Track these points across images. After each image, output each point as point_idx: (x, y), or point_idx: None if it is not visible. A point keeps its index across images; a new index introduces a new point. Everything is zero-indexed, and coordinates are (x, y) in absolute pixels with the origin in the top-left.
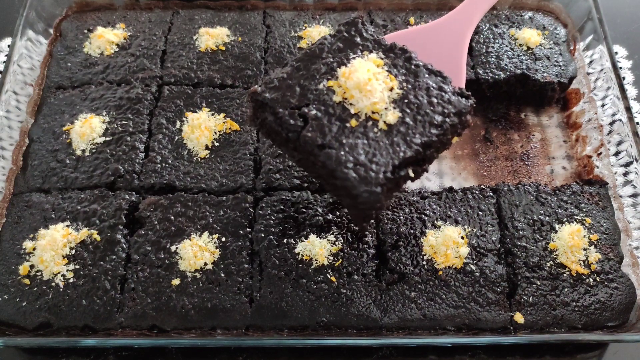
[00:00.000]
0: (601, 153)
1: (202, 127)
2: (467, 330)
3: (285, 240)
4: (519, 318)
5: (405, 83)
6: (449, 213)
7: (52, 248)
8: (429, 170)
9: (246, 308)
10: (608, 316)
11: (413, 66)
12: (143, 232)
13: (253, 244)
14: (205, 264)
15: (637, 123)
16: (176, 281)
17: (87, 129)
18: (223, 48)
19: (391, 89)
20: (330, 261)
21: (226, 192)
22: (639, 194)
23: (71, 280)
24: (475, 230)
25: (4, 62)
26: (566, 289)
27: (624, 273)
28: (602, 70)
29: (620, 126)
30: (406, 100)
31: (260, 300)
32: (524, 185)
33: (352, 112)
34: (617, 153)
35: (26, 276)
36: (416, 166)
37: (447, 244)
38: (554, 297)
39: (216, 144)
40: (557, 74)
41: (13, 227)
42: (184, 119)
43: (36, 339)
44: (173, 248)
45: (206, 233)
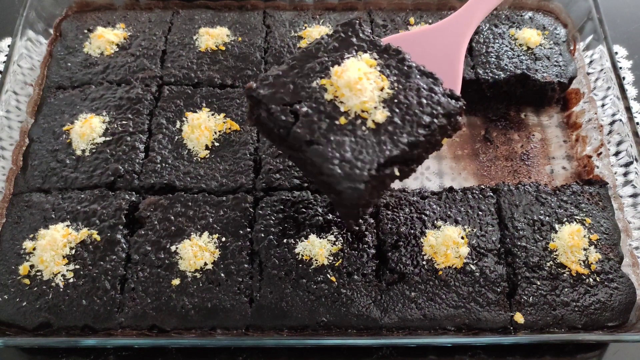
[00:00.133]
0: (601, 153)
1: (202, 127)
2: (467, 330)
3: (285, 240)
4: (519, 318)
5: (396, 83)
6: (449, 213)
7: (52, 248)
8: (429, 170)
9: (246, 308)
10: (608, 316)
11: (405, 67)
12: (143, 232)
13: (253, 244)
14: (205, 264)
15: (637, 123)
16: (176, 281)
17: (87, 129)
18: (223, 48)
19: (382, 89)
20: (330, 261)
21: (226, 192)
22: (639, 194)
23: (71, 280)
24: (475, 230)
25: (4, 62)
26: (566, 289)
27: (624, 273)
28: (602, 70)
29: (620, 126)
30: (396, 100)
31: (260, 300)
32: (524, 185)
33: (342, 110)
34: (617, 153)
35: (26, 276)
36: (403, 165)
37: (447, 244)
38: (554, 297)
39: (216, 144)
40: (557, 74)
41: (13, 227)
42: (184, 119)
43: (36, 339)
44: (173, 248)
45: (206, 233)
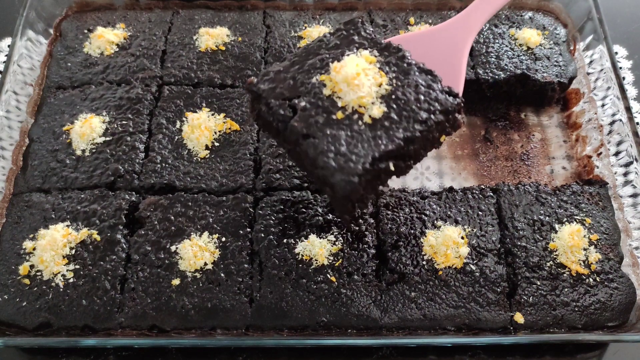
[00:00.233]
0: (601, 153)
1: (202, 127)
2: (467, 330)
3: (285, 240)
4: (519, 318)
5: (395, 80)
6: (449, 213)
7: (52, 248)
8: (429, 170)
9: (246, 308)
10: (608, 316)
11: (405, 64)
12: (143, 232)
13: (253, 244)
14: (205, 264)
15: (637, 123)
16: (176, 281)
17: (87, 129)
18: (223, 48)
19: (380, 85)
20: (330, 261)
21: (226, 192)
22: (639, 194)
23: (71, 280)
24: (475, 230)
25: (4, 62)
26: (566, 289)
27: (624, 273)
28: (602, 70)
29: (620, 126)
30: (393, 96)
31: (260, 300)
32: (524, 185)
33: (340, 105)
34: (617, 153)
35: (26, 276)
36: (399, 160)
37: (447, 244)
38: (554, 297)
39: (216, 144)
40: (557, 74)
41: (13, 227)
42: (184, 119)
43: (36, 339)
44: (173, 248)
45: (206, 233)
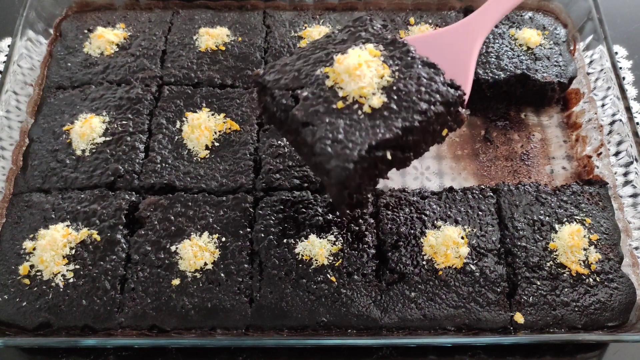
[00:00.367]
0: (601, 153)
1: (202, 127)
2: (467, 330)
3: (285, 240)
4: (519, 318)
5: (397, 72)
6: (449, 213)
7: (52, 248)
8: (429, 170)
9: (246, 308)
10: (608, 316)
11: (409, 58)
12: (143, 232)
13: (253, 244)
14: (205, 264)
15: (637, 123)
16: (176, 281)
17: (87, 129)
18: (223, 48)
19: (382, 77)
20: (330, 261)
21: (226, 192)
22: (639, 194)
23: (71, 280)
24: (475, 230)
25: (4, 62)
26: (566, 289)
27: (624, 273)
28: (602, 70)
29: (620, 126)
30: (395, 87)
31: (260, 300)
32: (524, 185)
33: (341, 95)
34: (617, 153)
35: (26, 276)
36: (397, 151)
37: (447, 244)
38: (554, 297)
39: (216, 144)
40: (557, 74)
41: (13, 227)
42: (184, 119)
43: (36, 339)
44: (173, 248)
45: (206, 233)
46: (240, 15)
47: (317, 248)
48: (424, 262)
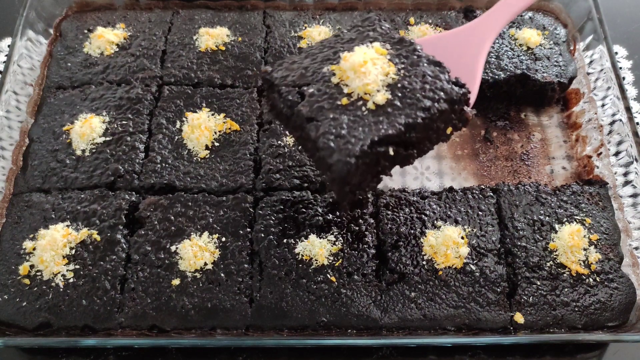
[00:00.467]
0: (601, 153)
1: (202, 127)
2: (467, 330)
3: (285, 240)
4: (519, 318)
5: (403, 70)
6: (449, 213)
7: (52, 248)
8: (429, 170)
9: (246, 308)
10: (608, 316)
11: (415, 56)
12: (143, 232)
13: (253, 244)
14: (205, 264)
15: (637, 123)
16: (176, 281)
17: (87, 129)
18: (223, 48)
19: (387, 74)
20: (330, 261)
21: (226, 192)
22: (639, 194)
23: (71, 280)
24: (475, 230)
25: (4, 62)
26: (566, 289)
27: (624, 273)
28: (602, 70)
29: (620, 126)
30: (399, 85)
31: (260, 300)
32: (524, 185)
33: (346, 92)
34: (617, 153)
35: (26, 276)
36: (400, 147)
37: (447, 244)
38: (554, 297)
39: (216, 144)
40: (557, 74)
41: (13, 227)
42: (184, 119)
43: (36, 339)
44: (173, 248)
45: (206, 233)
46: (240, 15)
47: (317, 248)
48: (424, 262)
